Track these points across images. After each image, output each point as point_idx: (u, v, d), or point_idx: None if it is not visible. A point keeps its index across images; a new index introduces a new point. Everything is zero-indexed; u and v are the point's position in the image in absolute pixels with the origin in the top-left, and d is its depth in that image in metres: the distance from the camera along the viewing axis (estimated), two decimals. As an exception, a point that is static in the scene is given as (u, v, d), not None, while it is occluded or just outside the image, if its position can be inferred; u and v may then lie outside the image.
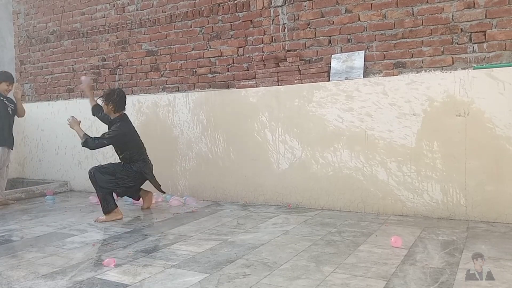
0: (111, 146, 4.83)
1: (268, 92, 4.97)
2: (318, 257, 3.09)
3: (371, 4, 4.51)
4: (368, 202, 4.43)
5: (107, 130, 4.83)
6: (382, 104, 4.32)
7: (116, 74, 6.33)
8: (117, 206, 4.55)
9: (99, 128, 6.21)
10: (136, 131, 4.92)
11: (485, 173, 3.90)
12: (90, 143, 4.55)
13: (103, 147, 4.75)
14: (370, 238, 3.53)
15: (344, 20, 4.67)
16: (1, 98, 5.45)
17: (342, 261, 3.00)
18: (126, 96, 4.90)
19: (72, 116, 4.78)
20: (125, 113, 4.90)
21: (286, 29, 5.01)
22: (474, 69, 3.99)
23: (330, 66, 4.72)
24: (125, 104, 4.86)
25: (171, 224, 4.25)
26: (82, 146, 4.62)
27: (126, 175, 4.69)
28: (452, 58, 4.17)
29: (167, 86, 5.89)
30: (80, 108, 6.49)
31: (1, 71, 5.62)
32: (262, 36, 5.16)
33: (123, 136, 4.70)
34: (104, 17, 6.40)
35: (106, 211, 4.51)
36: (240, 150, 5.18)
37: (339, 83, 4.55)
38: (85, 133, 4.63)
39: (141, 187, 5.02)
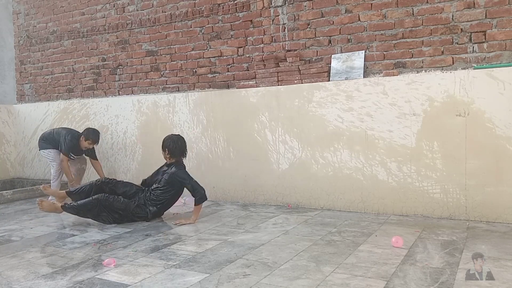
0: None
1: (268, 92, 4.97)
2: (318, 257, 3.08)
3: (371, 4, 4.51)
4: (368, 202, 4.43)
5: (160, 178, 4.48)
6: (382, 104, 4.32)
7: (116, 74, 6.33)
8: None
9: (99, 130, 6.22)
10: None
11: (485, 173, 3.90)
12: (203, 195, 4.29)
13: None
14: (370, 238, 3.53)
15: (344, 20, 4.67)
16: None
17: (342, 261, 3.00)
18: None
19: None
20: (181, 161, 4.55)
21: (286, 29, 5.01)
22: (474, 69, 3.99)
23: (330, 66, 4.71)
24: (183, 151, 4.51)
25: (171, 224, 4.25)
26: (200, 200, 4.28)
27: (135, 212, 4.32)
28: (452, 58, 4.17)
29: (167, 86, 5.89)
30: (80, 108, 6.51)
31: (92, 130, 5.55)
32: (262, 36, 5.16)
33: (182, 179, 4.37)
34: (104, 17, 6.40)
35: (71, 196, 4.51)
36: (240, 150, 5.18)
37: (339, 83, 4.54)
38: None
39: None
